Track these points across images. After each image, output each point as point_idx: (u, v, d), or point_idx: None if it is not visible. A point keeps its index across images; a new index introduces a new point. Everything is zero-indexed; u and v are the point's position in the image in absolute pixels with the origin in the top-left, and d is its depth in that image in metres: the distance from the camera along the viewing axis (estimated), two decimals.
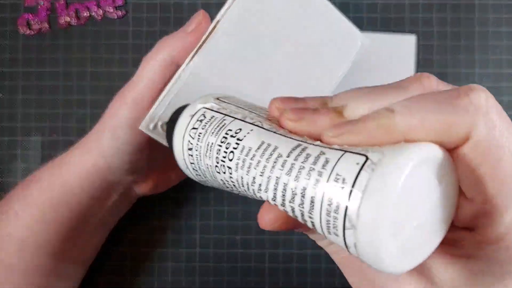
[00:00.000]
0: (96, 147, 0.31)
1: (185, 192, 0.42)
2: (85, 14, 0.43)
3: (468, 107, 0.16)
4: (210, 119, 0.22)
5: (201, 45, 0.28)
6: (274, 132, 0.19)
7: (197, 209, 0.42)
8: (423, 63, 0.42)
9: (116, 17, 0.43)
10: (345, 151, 0.17)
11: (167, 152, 0.26)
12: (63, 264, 0.34)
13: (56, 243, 0.33)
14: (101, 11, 0.43)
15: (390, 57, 0.42)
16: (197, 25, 0.28)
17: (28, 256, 0.32)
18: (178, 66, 0.28)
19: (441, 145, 0.16)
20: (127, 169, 0.32)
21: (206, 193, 0.42)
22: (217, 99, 0.23)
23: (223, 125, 0.21)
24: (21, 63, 0.43)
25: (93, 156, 0.31)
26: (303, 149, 0.18)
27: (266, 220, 0.19)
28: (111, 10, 0.43)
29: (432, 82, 0.18)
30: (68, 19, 0.43)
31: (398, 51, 0.42)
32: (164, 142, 0.29)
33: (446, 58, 0.43)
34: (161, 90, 0.29)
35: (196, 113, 0.23)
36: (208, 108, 0.23)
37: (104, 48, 0.43)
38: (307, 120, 0.19)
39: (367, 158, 0.16)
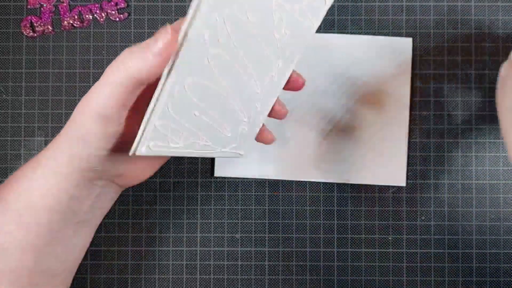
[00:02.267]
0: (67, 149, 0.31)
1: (186, 191, 0.43)
2: (88, 16, 0.43)
3: None
4: None
5: (172, 65, 0.26)
6: None
7: (197, 208, 0.43)
8: (420, 65, 0.43)
9: (118, 20, 0.43)
10: None
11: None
12: (47, 264, 0.33)
13: (38, 246, 0.32)
14: (103, 13, 0.43)
15: (387, 59, 0.42)
16: (165, 45, 0.26)
17: (11, 261, 0.31)
18: (145, 85, 0.28)
19: None
20: (105, 152, 0.31)
21: (207, 192, 0.43)
22: None
23: None
24: (24, 65, 0.43)
25: (65, 157, 0.31)
26: None
27: None
28: (114, 13, 0.43)
29: None
30: (71, 21, 0.43)
31: (395, 53, 0.43)
32: (159, 154, 0.30)
33: (443, 60, 0.43)
34: (123, 102, 0.28)
35: None
36: None
37: (107, 49, 0.43)
38: None
39: None
